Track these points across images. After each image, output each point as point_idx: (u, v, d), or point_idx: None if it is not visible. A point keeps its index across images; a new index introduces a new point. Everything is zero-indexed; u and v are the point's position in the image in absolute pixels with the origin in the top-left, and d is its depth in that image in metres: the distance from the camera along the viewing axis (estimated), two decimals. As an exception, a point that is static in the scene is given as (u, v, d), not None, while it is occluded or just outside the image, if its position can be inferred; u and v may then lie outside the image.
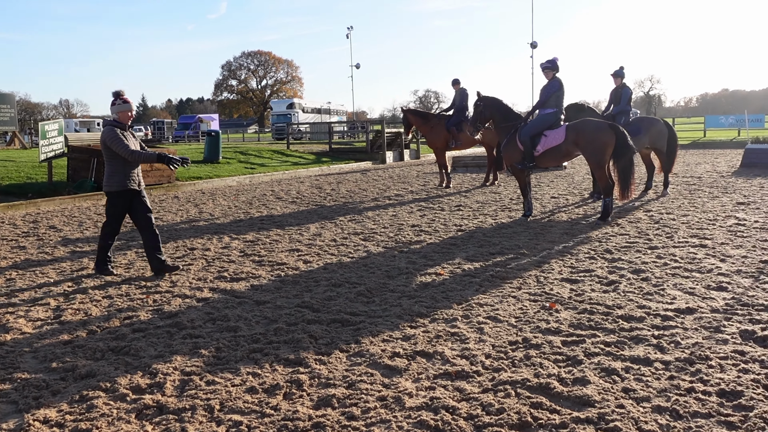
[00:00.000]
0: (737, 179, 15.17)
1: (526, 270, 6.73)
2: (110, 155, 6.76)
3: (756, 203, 11.02)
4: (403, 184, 16.65)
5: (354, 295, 5.92)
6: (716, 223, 9.19)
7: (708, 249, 7.45)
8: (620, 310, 5.23)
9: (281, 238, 9.05)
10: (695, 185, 14.13)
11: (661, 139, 12.42)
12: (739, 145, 27.75)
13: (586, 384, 3.81)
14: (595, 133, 9.33)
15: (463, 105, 14.99)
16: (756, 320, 4.86)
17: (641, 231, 8.73)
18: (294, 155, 26.41)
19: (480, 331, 4.84)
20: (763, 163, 18.01)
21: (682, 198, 12.01)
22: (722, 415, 3.39)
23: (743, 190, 12.88)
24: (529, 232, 8.97)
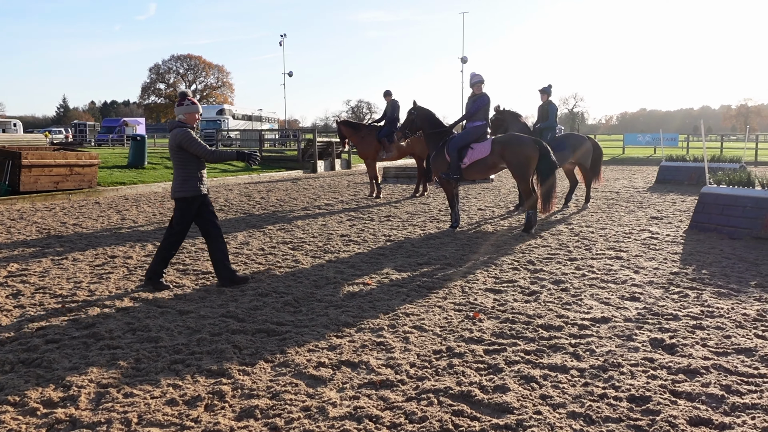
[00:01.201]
0: (652, 195, 15.95)
1: (452, 280, 6.86)
2: (184, 159, 6.36)
3: (668, 218, 11.61)
4: (333, 194, 16.65)
5: (281, 305, 5.87)
6: (631, 236, 9.63)
7: (623, 261, 7.80)
8: (540, 319, 5.40)
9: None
10: (613, 200, 14.76)
11: (587, 155, 12.97)
12: (654, 163, 29.21)
13: (506, 391, 3.92)
14: (519, 148, 9.59)
15: (394, 116, 15.14)
16: (665, 329, 5.12)
17: (562, 243, 9.04)
18: (223, 162, 25.98)
19: (405, 341, 4.90)
20: (676, 179, 19.04)
21: (600, 212, 12.53)
22: (632, 419, 3.55)
23: (657, 205, 13.56)
24: (456, 243, 9.14)
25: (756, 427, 3.43)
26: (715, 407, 3.69)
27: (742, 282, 6.65)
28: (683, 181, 18.73)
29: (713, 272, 7.11)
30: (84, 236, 9.74)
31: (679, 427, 3.43)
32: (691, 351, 4.60)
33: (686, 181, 18.67)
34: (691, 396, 3.84)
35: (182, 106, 6.46)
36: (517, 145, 9.63)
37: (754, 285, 6.51)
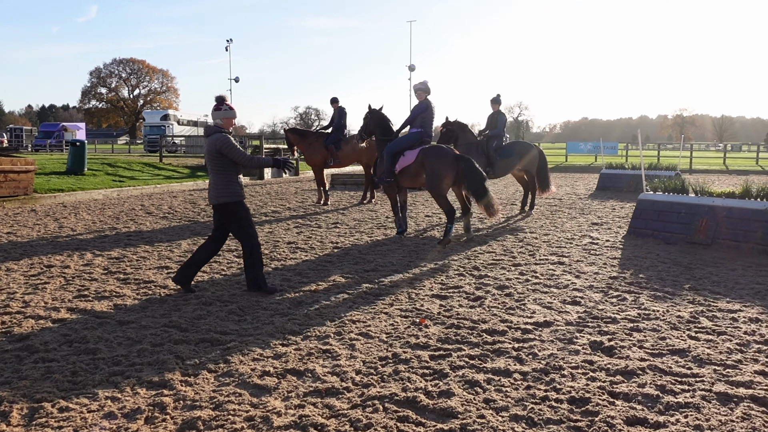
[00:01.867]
0: (593, 201, 16.40)
1: (399, 287, 6.89)
2: (225, 164, 6.36)
3: (608, 224, 11.96)
4: (280, 201, 16.51)
5: (225, 314, 5.78)
6: (573, 241, 9.88)
7: (565, 266, 7.99)
8: (485, 324, 5.48)
9: (149, 255, 8.68)
10: (556, 206, 15.12)
11: (533, 162, 13.30)
12: (595, 170, 30.04)
13: (450, 396, 3.96)
14: (436, 161, 9.43)
15: (341, 123, 15.15)
16: (604, 332, 5.27)
17: (507, 249, 9.20)
18: (167, 168, 25.43)
19: (352, 348, 4.89)
20: (616, 186, 19.64)
21: (544, 218, 12.81)
22: (572, 420, 3.64)
23: (598, 212, 13.95)
24: (403, 249, 9.19)
25: (689, 425, 3.56)
26: (651, 407, 3.81)
27: (677, 285, 6.90)
28: (622, 188, 19.31)
29: (650, 276, 7.36)
30: (18, 245, 9.38)
31: (617, 427, 3.53)
32: (629, 353, 4.75)
33: (625, 188, 19.26)
34: (628, 396, 3.96)
35: (220, 110, 6.44)
36: (434, 159, 9.44)
37: (688, 288, 6.77)
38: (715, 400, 3.91)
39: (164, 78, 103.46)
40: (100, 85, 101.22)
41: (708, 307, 6.01)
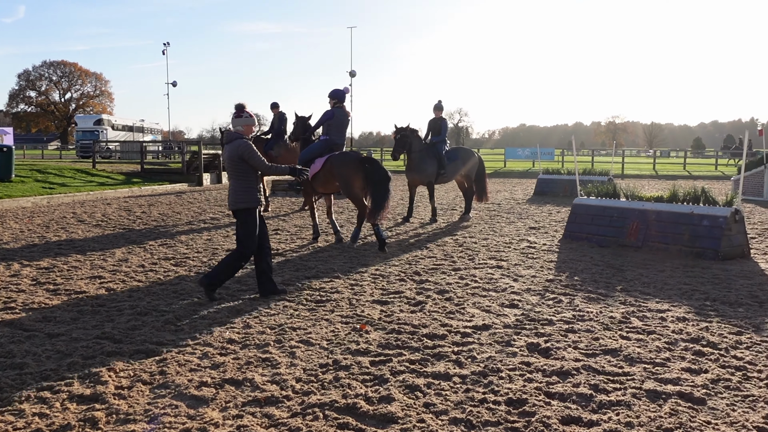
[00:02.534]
0: (530, 206, 16.79)
1: (340, 293, 6.87)
2: (245, 170, 6.44)
3: (545, 228, 12.26)
4: (220, 207, 16.23)
5: (161, 324, 5.64)
6: (511, 245, 10.08)
7: (504, 270, 8.14)
8: (425, 328, 5.53)
9: (81, 265, 8.38)
10: (495, 211, 15.40)
11: (474, 168, 13.64)
12: (533, 175, 30.76)
13: (391, 402, 3.97)
14: (342, 167, 9.63)
15: (281, 128, 15.03)
16: (541, 333, 5.39)
17: (447, 254, 9.31)
18: (101, 175, 24.64)
19: (292, 356, 4.85)
20: (552, 191, 20.16)
21: (483, 223, 13.02)
22: (509, 422, 3.70)
23: (535, 216, 14.29)
24: (344, 255, 9.17)
25: (620, 423, 3.68)
26: (585, 406, 3.92)
27: (609, 287, 7.13)
28: (559, 193, 19.84)
29: (584, 278, 7.58)
30: (-61, 256, 8.90)
31: (552, 427, 3.62)
32: (564, 354, 4.87)
33: (561, 192, 19.79)
34: (563, 396, 4.06)
35: (241, 118, 6.54)
36: (340, 164, 9.65)
37: (620, 289, 7.00)
38: (645, 397, 4.05)
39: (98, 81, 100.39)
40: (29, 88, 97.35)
41: (638, 308, 6.23)
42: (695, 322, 5.76)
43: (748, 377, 4.40)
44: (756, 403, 3.97)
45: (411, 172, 13.00)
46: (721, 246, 8.75)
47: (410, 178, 13.19)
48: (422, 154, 12.76)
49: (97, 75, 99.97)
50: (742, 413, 3.82)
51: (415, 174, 12.96)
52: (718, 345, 5.08)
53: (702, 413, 3.82)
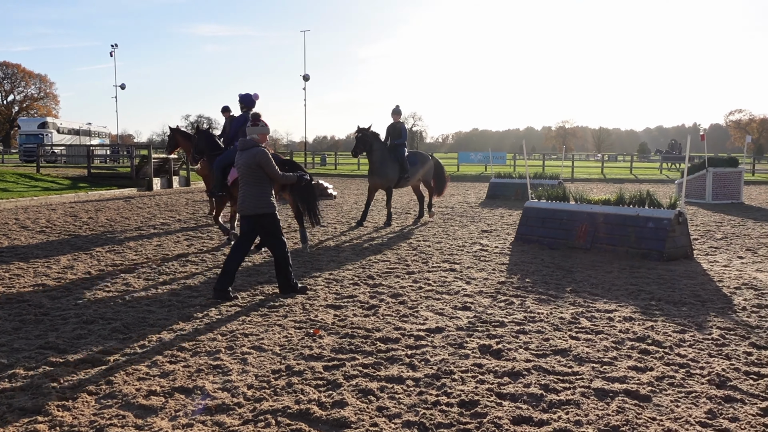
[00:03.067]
0: (483, 209, 16.99)
1: (293, 298, 6.82)
2: (261, 177, 6.67)
3: (497, 231, 12.43)
4: (170, 213, 15.92)
5: (108, 332, 5.49)
6: (464, 248, 10.18)
7: (456, 273, 8.21)
8: (379, 332, 5.53)
9: (24, 272, 8.09)
10: (448, 215, 15.53)
11: (431, 172, 13.92)
12: (485, 179, 31.14)
13: (344, 406, 3.95)
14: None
15: (233, 133, 14.82)
16: (493, 335, 5.46)
17: (401, 257, 9.35)
18: (45, 180, 23.88)
19: (244, 362, 4.78)
20: (504, 195, 20.46)
21: (437, 227, 13.12)
22: (462, 423, 3.73)
23: (487, 219, 14.47)
24: (297, 260, 9.11)
25: (569, 421, 3.75)
26: (535, 406, 3.98)
27: (559, 288, 7.26)
28: (510, 197, 20.14)
29: (535, 280, 7.71)
30: None
31: (504, 427, 3.66)
32: (515, 355, 4.94)
33: (513, 196, 20.09)
34: (514, 397, 4.11)
35: (257, 126, 6.84)
36: None
37: (569, 291, 7.14)
38: (594, 396, 4.14)
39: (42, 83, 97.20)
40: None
41: (587, 308, 6.37)
42: (641, 321, 5.91)
43: (691, 374, 4.54)
44: (698, 399, 4.10)
45: (373, 176, 13.04)
46: (666, 247, 9.03)
47: (372, 182, 13.21)
48: (384, 158, 12.83)
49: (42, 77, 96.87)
50: (686, 409, 3.94)
51: (377, 178, 13.00)
52: (662, 343, 5.23)
53: (647, 410, 3.92)
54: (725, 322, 5.89)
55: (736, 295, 6.98)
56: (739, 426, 3.71)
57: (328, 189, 20.49)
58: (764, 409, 3.92)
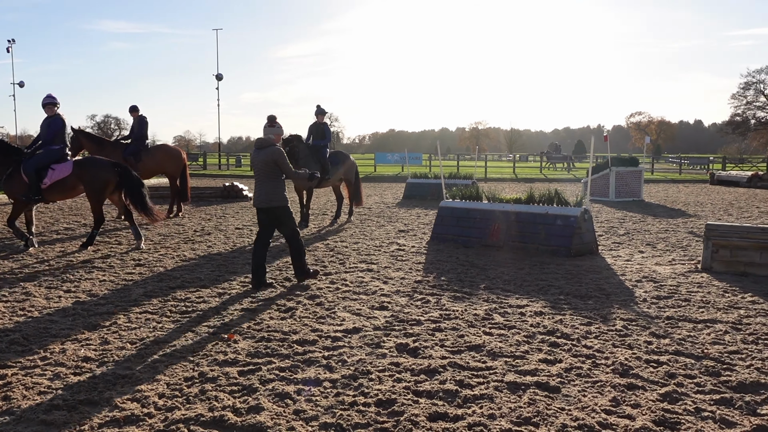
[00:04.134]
0: (400, 209, 17.16)
1: (207, 302, 6.65)
2: (277, 173, 7.36)
3: (414, 230, 12.58)
4: (75, 217, 15.17)
5: (5, 345, 5.16)
6: (381, 248, 10.25)
7: (374, 273, 8.25)
8: (296, 335, 5.47)
9: None
10: (366, 215, 15.59)
11: (351, 171, 13.94)
12: (402, 180, 31.47)
13: (260, 411, 3.88)
14: (97, 171, 10.08)
15: (142, 133, 14.31)
16: (410, 334, 5.51)
17: (318, 259, 9.29)
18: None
19: (154, 371, 4.61)
20: (421, 195, 20.73)
21: (354, 227, 13.14)
22: (379, 422, 3.75)
23: (404, 219, 14.62)
24: (211, 264, 8.89)
25: (483, 415, 3.84)
26: (451, 401, 4.05)
27: (474, 286, 7.43)
28: (426, 197, 20.43)
29: (450, 278, 7.85)
30: None
31: (420, 424, 3.70)
32: (431, 352, 5.01)
33: (429, 196, 20.39)
34: (430, 394, 4.17)
35: (274, 127, 7.58)
36: (95, 169, 10.09)
37: (483, 288, 7.32)
38: (506, 389, 4.25)
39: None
40: None
41: (500, 304, 6.55)
42: (551, 315, 6.14)
43: (597, 364, 4.75)
44: (604, 387, 4.29)
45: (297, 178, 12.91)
46: (573, 243, 9.41)
47: (296, 183, 13.07)
48: (307, 159, 12.72)
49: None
50: (592, 398, 4.11)
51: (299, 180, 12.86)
52: (570, 336, 5.45)
53: (557, 401, 4.07)
54: (628, 313, 6.20)
55: (637, 288, 7.36)
56: (640, 411, 3.91)
57: (244, 191, 20.12)
58: (663, 395, 4.15)
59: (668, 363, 4.77)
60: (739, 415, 3.87)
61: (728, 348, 5.14)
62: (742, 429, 3.68)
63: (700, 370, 4.64)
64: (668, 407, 3.96)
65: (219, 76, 53.79)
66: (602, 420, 3.77)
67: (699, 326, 5.78)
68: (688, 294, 7.04)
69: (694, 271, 8.41)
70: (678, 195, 23.51)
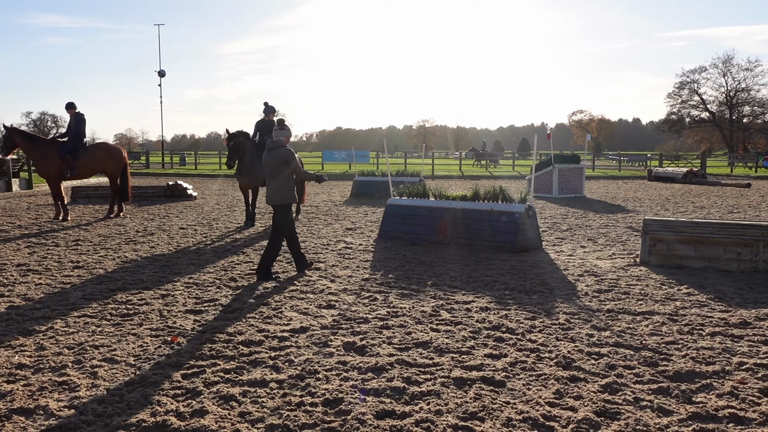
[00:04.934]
0: (347, 207, 17.13)
1: (149, 304, 6.48)
2: (287, 173, 7.77)
3: (361, 228, 12.57)
4: (9, 218, 14.55)
5: (-68, 353, 4.91)
6: (329, 247, 10.20)
7: (321, 271, 8.20)
8: (241, 335, 5.39)
9: None
10: (313, 213, 15.50)
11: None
12: (349, 178, 31.42)
13: (204, 415, 3.81)
14: None
15: (79, 131, 13.85)
16: (357, 332, 5.50)
17: (264, 258, 9.17)
18: None
19: (94, 376, 4.47)
20: (368, 193, 20.73)
21: (301, 226, 13.04)
22: (326, 422, 3.72)
23: (352, 217, 14.60)
24: (154, 265, 8.68)
25: (431, 411, 3.86)
26: (398, 399, 4.06)
27: (421, 282, 7.47)
28: (374, 194, 20.44)
29: (398, 276, 7.88)
30: None
31: (368, 423, 3.70)
32: (379, 350, 5.01)
33: (376, 194, 20.40)
34: (378, 391, 4.17)
35: (284, 130, 8.00)
36: None
37: (431, 284, 7.37)
38: (453, 385, 4.29)
39: None
40: None
41: (447, 301, 6.61)
42: (496, 310, 6.23)
43: (541, 358, 4.84)
44: (547, 381, 4.38)
45: (243, 176, 12.68)
46: (517, 239, 9.57)
47: (242, 182, 12.86)
48: (254, 157, 12.51)
49: None
50: (536, 391, 4.19)
51: (246, 178, 12.66)
52: (515, 330, 5.54)
53: (502, 395, 4.13)
54: (570, 307, 6.35)
55: (579, 282, 7.54)
56: (582, 403, 4.00)
57: (188, 190, 19.71)
58: (604, 386, 4.26)
59: (609, 355, 4.90)
60: (676, 403, 4.01)
61: (665, 339, 5.32)
62: (679, 417, 3.81)
63: (639, 360, 4.78)
64: (609, 398, 4.07)
65: (161, 73, 52.55)
66: (546, 412, 3.85)
67: (638, 318, 5.96)
68: (628, 287, 7.26)
69: (632, 264, 8.67)
70: (618, 191, 24.22)
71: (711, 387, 4.27)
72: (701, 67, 72.19)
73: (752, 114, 71.61)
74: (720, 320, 5.89)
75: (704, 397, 4.11)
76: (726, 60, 70.66)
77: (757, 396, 4.11)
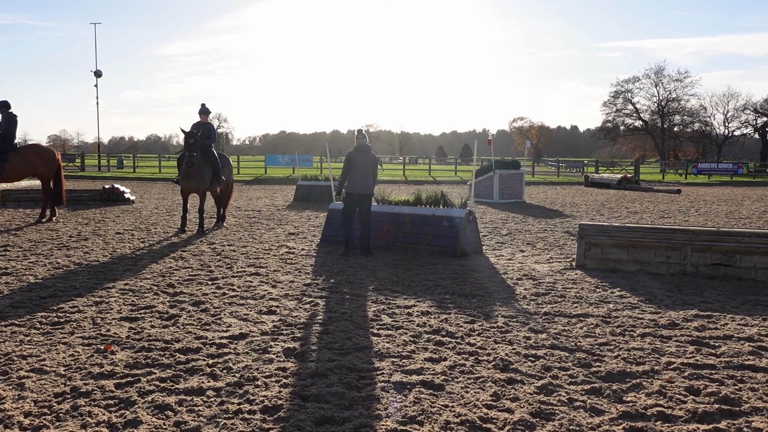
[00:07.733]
0: (290, 212, 17.00)
1: (82, 311, 6.27)
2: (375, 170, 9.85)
3: (304, 233, 12.50)
4: (-69, 222, 13.83)
5: None
6: (271, 252, 10.10)
7: (262, 277, 8.11)
8: (178, 343, 5.27)
9: None
10: (255, 218, 15.31)
11: (230, 173, 13.72)
12: (292, 182, 31.20)
13: (138, 425, 3.71)
14: None
15: (9, 132, 13.29)
16: (297, 338, 5.46)
17: (204, 263, 9.01)
18: None
19: (20, 387, 4.29)
20: (311, 197, 20.64)
21: (242, 230, 12.87)
22: (264, 429, 3.68)
23: (294, 222, 14.50)
24: (88, 270, 8.40)
25: (370, 417, 3.86)
26: (338, 405, 4.04)
27: (363, 287, 7.48)
28: (317, 199, 20.35)
29: (340, 281, 7.86)
30: None
31: (306, 429, 3.67)
32: (319, 355, 4.99)
33: (320, 198, 20.32)
34: (318, 398, 4.15)
35: (365, 137, 9.90)
36: None
37: (372, 289, 7.39)
38: (393, 389, 4.31)
39: None
40: None
41: (388, 305, 6.63)
42: (437, 314, 6.29)
43: (479, 361, 4.92)
44: (485, 383, 4.45)
45: (188, 179, 12.27)
46: (458, 244, 9.70)
47: (186, 185, 12.46)
48: (202, 160, 12.23)
49: None
50: (474, 394, 4.25)
51: (192, 181, 12.29)
52: (455, 334, 5.61)
53: (441, 398, 4.17)
54: (509, 310, 6.47)
55: (518, 286, 7.70)
56: (519, 405, 4.08)
57: (125, 194, 19.16)
58: (540, 387, 4.36)
59: (545, 357, 5.02)
60: (607, 403, 4.14)
61: (599, 340, 5.48)
62: (610, 416, 3.93)
63: (574, 362, 4.91)
64: (544, 399, 4.17)
65: (98, 73, 50.96)
66: (483, 415, 3.91)
67: (573, 320, 6.13)
68: (564, 290, 7.45)
69: (569, 268, 8.91)
70: (556, 196, 24.86)
71: (641, 386, 4.43)
72: (634, 77, 75.00)
73: (682, 123, 74.74)
74: (650, 322, 6.11)
75: (634, 396, 4.25)
76: (658, 71, 73.64)
77: (684, 394, 4.28)
